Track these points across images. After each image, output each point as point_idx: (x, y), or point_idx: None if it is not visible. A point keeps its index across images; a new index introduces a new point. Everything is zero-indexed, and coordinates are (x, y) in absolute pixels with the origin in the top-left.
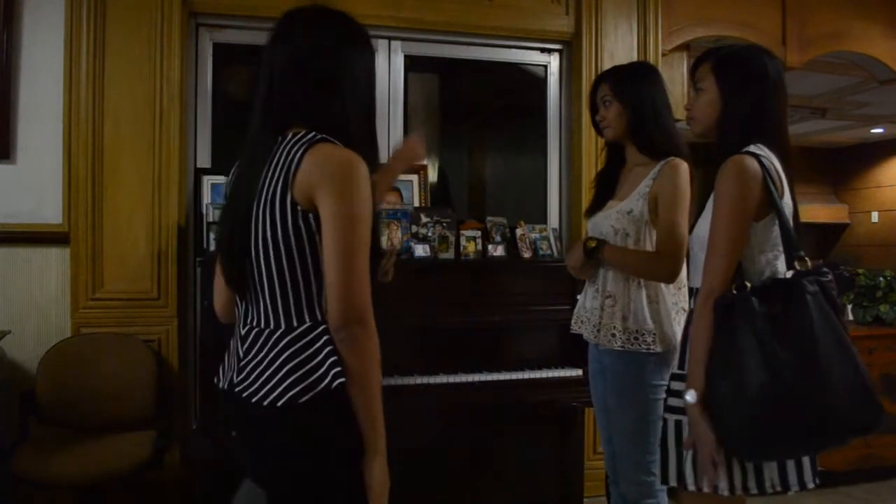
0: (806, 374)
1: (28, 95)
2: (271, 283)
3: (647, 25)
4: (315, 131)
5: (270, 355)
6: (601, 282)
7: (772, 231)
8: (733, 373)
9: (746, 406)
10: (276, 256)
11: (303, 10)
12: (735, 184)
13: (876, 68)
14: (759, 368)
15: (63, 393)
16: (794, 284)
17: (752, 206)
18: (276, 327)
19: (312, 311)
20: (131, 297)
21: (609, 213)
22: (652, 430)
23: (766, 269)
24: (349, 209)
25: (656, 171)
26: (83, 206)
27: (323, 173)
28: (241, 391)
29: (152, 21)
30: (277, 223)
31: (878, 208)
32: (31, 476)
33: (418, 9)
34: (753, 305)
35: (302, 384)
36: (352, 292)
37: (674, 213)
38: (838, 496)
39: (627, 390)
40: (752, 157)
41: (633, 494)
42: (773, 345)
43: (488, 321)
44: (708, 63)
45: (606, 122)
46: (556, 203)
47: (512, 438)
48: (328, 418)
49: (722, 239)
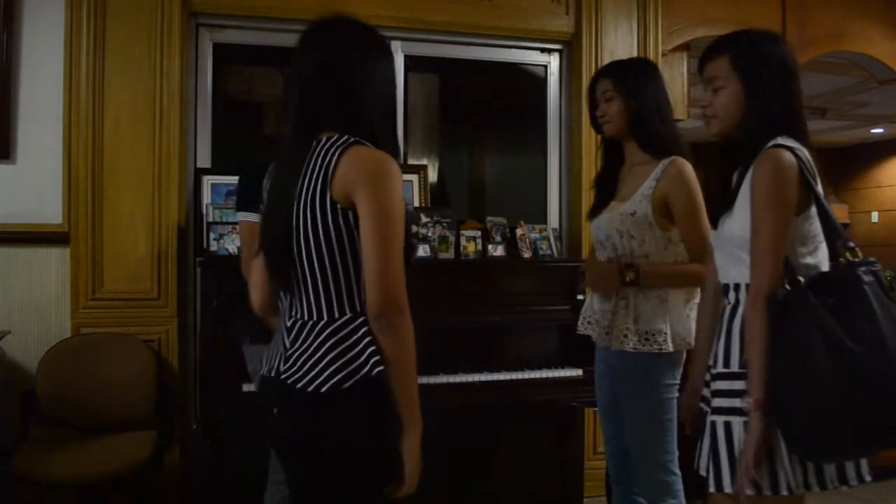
0: (880, 366)
1: (28, 95)
2: (314, 278)
3: (647, 25)
4: (347, 134)
5: (314, 345)
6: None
7: (812, 223)
8: (802, 372)
9: (820, 405)
10: (318, 253)
11: (329, 20)
12: (775, 179)
13: (876, 68)
14: (830, 364)
15: (63, 393)
16: (850, 275)
17: (793, 200)
18: (319, 319)
19: (353, 303)
20: (131, 297)
21: (612, 215)
22: (667, 428)
23: (811, 262)
24: (385, 205)
25: (659, 171)
26: (83, 206)
27: (360, 173)
28: (286, 378)
29: (152, 21)
30: (318, 222)
31: (878, 208)
32: (31, 476)
33: (418, 9)
34: (811, 299)
35: (344, 371)
36: (389, 281)
37: (698, 222)
38: (838, 496)
39: (641, 391)
40: (787, 149)
41: (653, 494)
42: (842, 338)
43: (488, 321)
44: (725, 57)
45: (608, 117)
46: (556, 203)
47: (512, 438)
48: (368, 402)
49: (767, 236)
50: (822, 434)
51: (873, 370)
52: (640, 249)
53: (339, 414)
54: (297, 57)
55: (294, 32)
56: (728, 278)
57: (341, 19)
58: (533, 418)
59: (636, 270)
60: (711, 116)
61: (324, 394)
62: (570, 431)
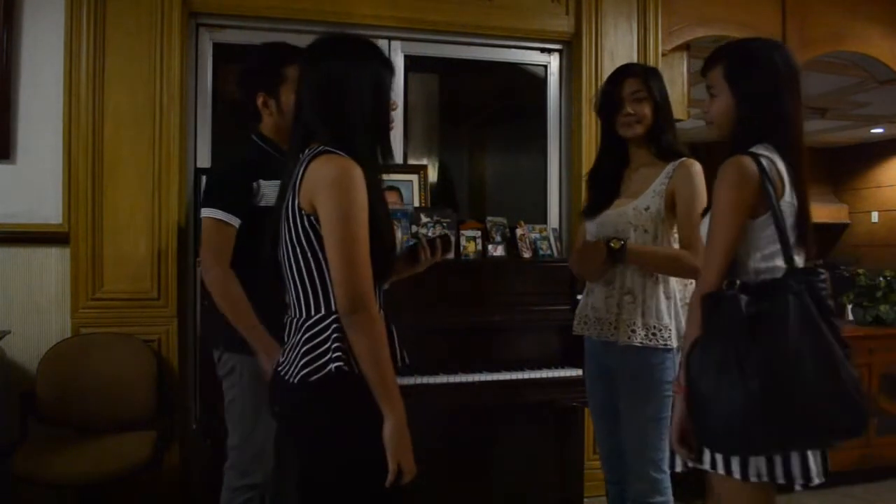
0: (774, 374)
1: (28, 95)
2: (293, 279)
3: (647, 25)
4: (325, 145)
5: (295, 340)
6: (618, 280)
7: (768, 229)
8: (711, 370)
9: (721, 403)
10: (294, 256)
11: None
12: (730, 183)
13: (876, 68)
14: (733, 367)
15: (63, 393)
16: (779, 283)
17: (746, 205)
18: (300, 316)
19: (327, 302)
20: (131, 297)
21: (624, 210)
22: (664, 426)
23: (763, 266)
24: (343, 207)
25: (671, 170)
26: (83, 206)
27: (318, 180)
28: (280, 370)
29: (152, 21)
30: (291, 228)
31: (878, 208)
32: (31, 476)
33: (418, 9)
34: (739, 303)
35: (312, 366)
36: (352, 283)
37: (693, 212)
38: (838, 496)
39: (646, 388)
40: (751, 156)
41: (643, 491)
42: (747, 343)
43: (488, 321)
44: (719, 68)
45: (638, 116)
46: (556, 203)
47: (512, 438)
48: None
49: (718, 236)
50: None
51: (766, 377)
52: (651, 244)
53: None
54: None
55: (294, 32)
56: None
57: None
58: (533, 418)
59: (622, 242)
60: (710, 122)
61: (296, 384)
62: (570, 431)
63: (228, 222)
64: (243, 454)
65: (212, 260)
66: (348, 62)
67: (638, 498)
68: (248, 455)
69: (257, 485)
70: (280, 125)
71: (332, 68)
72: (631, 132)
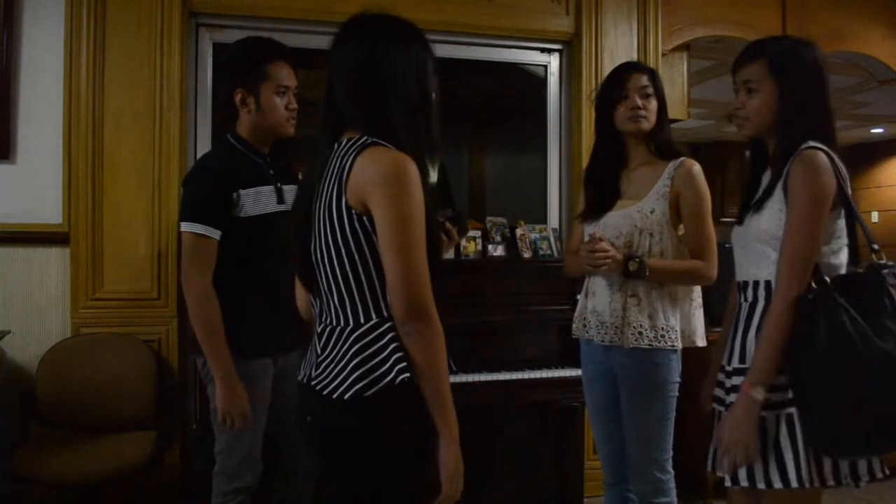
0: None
1: (28, 95)
2: (336, 283)
3: (647, 25)
4: (367, 135)
5: (341, 351)
6: (623, 283)
7: (838, 223)
8: (831, 368)
9: (847, 401)
10: (337, 258)
11: (352, 19)
12: (813, 181)
13: (876, 68)
14: (859, 361)
15: (63, 393)
16: (875, 277)
17: (829, 202)
18: (346, 324)
19: (378, 308)
20: (131, 297)
21: (628, 212)
22: (668, 427)
23: (834, 262)
24: (402, 209)
25: (671, 171)
26: (83, 206)
27: (373, 177)
28: (316, 384)
29: (152, 21)
30: (336, 226)
31: (878, 208)
32: (31, 476)
33: (418, 9)
34: (838, 300)
35: (367, 378)
36: (411, 289)
37: (704, 220)
38: (838, 496)
39: (653, 389)
40: (821, 151)
41: (648, 493)
42: (870, 335)
43: (488, 321)
44: (762, 61)
45: (646, 112)
46: (556, 203)
47: (512, 438)
48: (393, 411)
49: (805, 237)
50: (846, 430)
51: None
52: (657, 247)
53: (363, 421)
54: (327, 58)
55: (294, 32)
56: (747, 276)
57: (364, 16)
58: (533, 418)
59: (640, 262)
60: (744, 118)
61: (347, 401)
62: (570, 431)
63: (209, 235)
64: (231, 459)
65: (196, 274)
66: (389, 42)
67: (642, 499)
68: (235, 460)
69: (247, 488)
70: (259, 124)
71: (372, 48)
72: (638, 126)
